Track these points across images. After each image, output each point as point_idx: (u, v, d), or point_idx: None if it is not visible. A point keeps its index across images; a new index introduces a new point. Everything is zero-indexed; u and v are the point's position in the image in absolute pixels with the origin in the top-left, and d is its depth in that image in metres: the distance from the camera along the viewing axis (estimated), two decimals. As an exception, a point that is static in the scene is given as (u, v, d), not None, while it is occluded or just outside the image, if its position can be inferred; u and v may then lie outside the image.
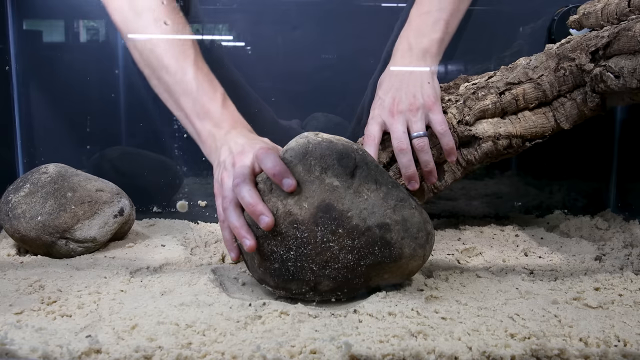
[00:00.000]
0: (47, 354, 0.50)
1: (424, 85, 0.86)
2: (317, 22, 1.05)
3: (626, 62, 0.74)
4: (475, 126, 0.87)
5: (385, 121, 0.85)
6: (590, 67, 0.81)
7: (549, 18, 1.02)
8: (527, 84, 0.86)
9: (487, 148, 0.87)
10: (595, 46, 0.80)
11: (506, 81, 0.87)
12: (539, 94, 0.86)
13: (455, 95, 0.89)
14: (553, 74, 0.86)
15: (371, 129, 0.86)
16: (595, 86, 0.81)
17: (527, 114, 0.87)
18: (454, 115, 0.87)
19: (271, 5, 1.03)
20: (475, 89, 0.88)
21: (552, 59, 0.86)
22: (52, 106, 1.06)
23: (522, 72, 0.87)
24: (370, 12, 1.04)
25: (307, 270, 0.63)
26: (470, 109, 0.87)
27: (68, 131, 1.07)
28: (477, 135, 0.87)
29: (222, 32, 1.05)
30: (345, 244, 0.63)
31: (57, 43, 1.05)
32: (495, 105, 0.87)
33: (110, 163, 1.06)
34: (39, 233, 0.82)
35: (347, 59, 1.05)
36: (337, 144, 0.66)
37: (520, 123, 0.87)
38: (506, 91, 0.87)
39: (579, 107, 0.85)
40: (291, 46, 1.04)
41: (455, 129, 0.86)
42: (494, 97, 0.87)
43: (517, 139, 0.87)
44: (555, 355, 0.51)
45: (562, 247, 0.89)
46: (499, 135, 0.86)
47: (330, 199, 0.63)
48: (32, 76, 1.05)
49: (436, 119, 0.83)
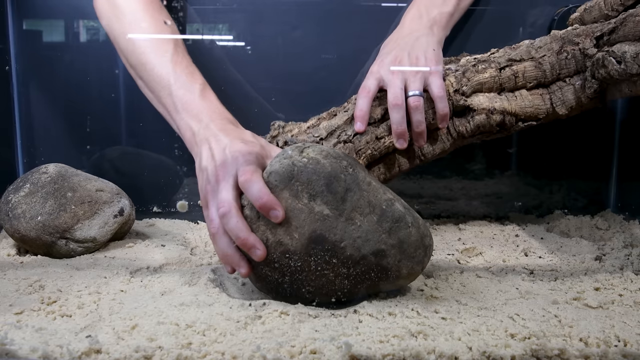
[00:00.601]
0: (47, 354, 0.50)
1: (428, 50, 0.86)
2: (317, 22, 1.05)
3: (629, 47, 0.75)
4: (471, 98, 0.87)
5: (383, 77, 0.85)
6: (593, 51, 0.81)
7: (549, 18, 1.02)
8: (528, 62, 0.87)
9: (480, 121, 0.87)
10: (600, 31, 0.80)
11: (508, 57, 0.88)
12: (538, 73, 0.87)
13: (456, 66, 0.90)
14: (555, 56, 0.86)
15: (368, 82, 0.86)
16: (596, 72, 0.81)
17: (524, 93, 0.88)
18: (451, 84, 0.87)
19: (271, 5, 1.03)
20: (476, 62, 0.89)
21: (556, 41, 0.87)
22: (52, 106, 1.06)
23: (525, 50, 0.88)
24: (370, 12, 1.04)
25: (303, 291, 0.63)
26: (469, 80, 0.87)
27: (68, 131, 1.07)
28: (472, 106, 0.87)
29: (222, 32, 1.05)
30: (340, 272, 0.62)
31: (57, 43, 1.05)
32: (493, 79, 0.87)
33: (110, 163, 1.06)
34: (39, 233, 0.82)
35: (347, 59, 1.04)
36: (324, 165, 0.63)
37: (516, 101, 0.87)
38: (507, 67, 0.87)
39: (577, 93, 0.86)
40: (291, 46, 1.04)
41: (451, 97, 0.87)
42: (494, 71, 0.87)
43: (510, 117, 0.87)
44: (556, 356, 0.51)
45: (562, 247, 0.89)
46: (493, 109, 0.86)
47: (321, 229, 0.61)
48: (32, 76, 1.05)
49: (435, 83, 0.84)
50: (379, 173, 0.90)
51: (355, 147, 0.86)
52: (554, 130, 1.05)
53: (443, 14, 0.92)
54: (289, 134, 0.89)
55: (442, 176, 1.10)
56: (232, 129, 0.75)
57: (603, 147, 1.08)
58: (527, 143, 1.08)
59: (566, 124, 0.99)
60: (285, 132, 0.90)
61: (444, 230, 0.99)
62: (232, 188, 0.65)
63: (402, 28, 0.93)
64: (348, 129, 0.87)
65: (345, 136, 0.86)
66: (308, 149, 0.65)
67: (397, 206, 0.65)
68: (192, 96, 0.80)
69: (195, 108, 0.79)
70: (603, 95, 0.85)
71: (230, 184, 0.65)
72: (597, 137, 1.08)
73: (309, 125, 0.89)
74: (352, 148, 0.86)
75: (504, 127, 0.88)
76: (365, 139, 0.86)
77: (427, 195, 1.10)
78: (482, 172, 1.10)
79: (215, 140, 0.72)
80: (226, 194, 0.64)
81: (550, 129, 1.02)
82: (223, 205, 0.64)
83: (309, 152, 0.64)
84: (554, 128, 1.04)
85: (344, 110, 0.90)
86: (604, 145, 1.08)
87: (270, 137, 0.90)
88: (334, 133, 0.87)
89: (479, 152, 1.09)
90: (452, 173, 1.10)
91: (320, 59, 1.05)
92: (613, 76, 0.78)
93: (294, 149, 0.65)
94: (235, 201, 0.64)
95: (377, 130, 0.86)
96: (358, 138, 0.86)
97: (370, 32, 1.03)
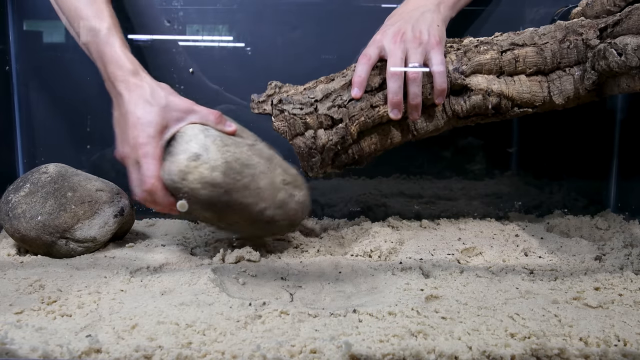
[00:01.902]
0: (47, 353, 0.50)
1: (432, 26, 0.87)
2: (317, 22, 1.05)
3: (632, 40, 0.75)
4: (470, 78, 0.87)
5: (385, 46, 0.86)
6: (595, 42, 0.81)
7: (549, 18, 1.02)
8: (530, 47, 0.87)
9: (476, 101, 0.87)
10: (605, 23, 0.81)
11: (511, 41, 0.88)
12: (539, 59, 0.87)
13: (459, 45, 0.90)
14: (558, 44, 0.86)
15: (369, 50, 0.86)
16: (596, 63, 0.81)
17: (522, 78, 0.88)
18: (451, 61, 0.87)
19: (271, 5, 1.03)
20: (479, 43, 0.89)
21: (560, 30, 0.87)
22: (52, 106, 1.06)
23: (529, 36, 0.88)
24: (370, 12, 1.04)
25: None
26: (469, 59, 0.87)
27: (68, 131, 1.07)
28: (470, 86, 0.87)
29: (222, 33, 1.05)
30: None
31: (57, 44, 1.05)
32: (494, 62, 0.87)
33: (110, 163, 1.06)
34: (39, 233, 0.82)
35: (347, 59, 1.04)
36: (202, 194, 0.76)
37: (514, 85, 0.87)
38: (508, 50, 0.87)
39: (575, 84, 0.86)
40: (291, 46, 1.04)
41: (450, 74, 0.86)
42: (495, 53, 0.87)
43: (507, 101, 0.87)
44: (555, 355, 0.51)
45: (562, 247, 0.89)
46: (490, 91, 0.86)
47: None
48: (32, 76, 1.05)
49: (436, 58, 0.84)
50: (370, 142, 0.89)
51: (349, 112, 0.86)
52: (554, 130, 1.05)
53: None
54: (284, 94, 0.89)
55: (442, 176, 1.10)
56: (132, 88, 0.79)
57: (603, 146, 1.08)
58: (527, 143, 1.08)
59: (566, 124, 0.99)
60: (282, 92, 0.89)
61: (444, 230, 0.99)
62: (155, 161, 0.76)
63: (408, 2, 0.93)
64: (344, 94, 0.86)
65: (340, 101, 0.86)
66: (190, 174, 0.76)
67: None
68: (99, 41, 0.82)
69: (102, 57, 0.81)
70: (601, 90, 0.85)
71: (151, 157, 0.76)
72: (597, 137, 1.08)
73: (306, 87, 0.89)
74: (345, 113, 0.86)
75: (499, 111, 0.88)
76: (360, 105, 0.86)
77: (427, 195, 1.10)
78: (482, 172, 1.10)
79: (118, 103, 0.79)
80: (151, 169, 0.76)
81: (550, 129, 1.02)
82: (148, 183, 0.76)
83: (190, 179, 0.76)
84: (554, 128, 1.05)
85: (342, 75, 0.90)
86: (604, 145, 1.08)
87: (266, 96, 0.89)
88: (329, 96, 0.87)
89: (479, 152, 1.09)
90: (452, 173, 1.10)
91: (320, 59, 1.05)
92: (613, 68, 0.78)
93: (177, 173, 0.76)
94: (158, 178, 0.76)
95: (372, 99, 0.86)
96: (353, 104, 0.86)
97: (370, 33, 1.03)
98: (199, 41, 1.04)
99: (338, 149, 0.87)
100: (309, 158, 0.86)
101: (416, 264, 0.79)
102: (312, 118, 0.85)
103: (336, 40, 1.04)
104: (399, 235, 0.93)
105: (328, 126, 0.86)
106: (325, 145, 0.85)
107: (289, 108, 0.85)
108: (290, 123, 0.85)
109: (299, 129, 0.85)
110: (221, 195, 0.76)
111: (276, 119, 0.85)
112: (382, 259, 0.84)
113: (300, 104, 0.85)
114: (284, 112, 0.85)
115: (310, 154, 0.85)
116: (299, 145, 0.85)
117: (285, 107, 0.85)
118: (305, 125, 0.85)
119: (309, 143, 0.85)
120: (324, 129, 0.86)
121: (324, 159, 0.87)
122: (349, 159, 0.89)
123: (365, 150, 0.89)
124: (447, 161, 1.06)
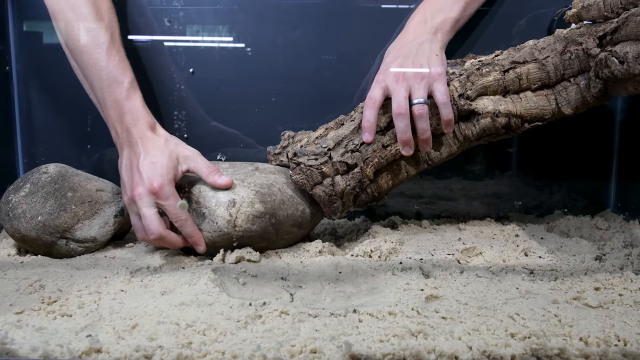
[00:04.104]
0: (48, 353, 0.50)
1: (431, 57, 0.87)
2: (317, 22, 1.05)
3: (631, 47, 0.75)
4: (476, 102, 0.88)
5: (388, 86, 0.86)
6: (596, 51, 0.81)
7: (549, 18, 1.03)
8: (531, 64, 0.87)
9: (485, 124, 0.87)
10: (603, 31, 0.80)
11: (512, 60, 0.88)
12: (542, 75, 0.87)
13: (460, 70, 0.90)
14: (559, 57, 0.86)
15: (374, 92, 0.87)
16: (600, 71, 0.81)
17: (528, 94, 0.88)
18: (455, 89, 0.87)
19: (271, 5, 1.03)
20: (480, 65, 0.89)
21: (559, 41, 0.87)
22: (52, 106, 1.06)
23: (529, 52, 0.88)
24: (370, 13, 1.04)
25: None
26: (473, 84, 0.87)
27: (68, 131, 1.07)
28: (477, 110, 0.87)
29: (222, 33, 1.05)
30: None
31: (57, 44, 1.05)
32: (497, 82, 0.87)
33: (110, 163, 1.06)
34: (39, 233, 0.82)
35: (347, 60, 1.05)
36: (254, 229, 0.81)
37: (521, 103, 0.87)
38: (510, 69, 0.88)
39: (582, 92, 0.86)
40: (291, 46, 1.04)
41: (455, 102, 0.87)
42: (498, 74, 0.88)
43: (516, 119, 0.87)
44: (556, 355, 0.51)
45: (562, 247, 0.89)
46: (498, 112, 0.87)
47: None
48: (32, 76, 1.05)
49: (439, 89, 0.85)
50: (387, 179, 0.91)
51: (363, 155, 0.87)
52: (554, 130, 1.05)
53: (448, 20, 0.92)
54: (298, 145, 0.90)
55: (442, 176, 1.10)
56: (149, 138, 0.82)
57: (603, 147, 1.08)
58: (527, 143, 1.09)
59: (566, 124, 0.99)
60: (295, 142, 0.92)
61: (444, 230, 0.99)
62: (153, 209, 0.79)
63: (406, 33, 0.93)
64: (355, 138, 0.87)
65: (352, 145, 0.87)
66: (237, 219, 0.81)
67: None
68: (119, 93, 0.83)
69: (120, 109, 0.83)
70: (606, 92, 0.85)
71: (148, 205, 0.79)
72: (597, 137, 1.08)
73: (317, 136, 0.91)
74: (359, 157, 0.87)
75: (510, 129, 0.89)
76: (372, 148, 0.87)
77: (428, 195, 1.10)
78: (482, 172, 1.10)
79: (133, 150, 0.81)
80: (154, 223, 0.78)
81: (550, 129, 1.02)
82: (153, 233, 0.78)
83: (240, 223, 0.81)
84: (554, 128, 1.05)
85: (350, 119, 0.91)
86: (604, 145, 1.08)
87: (281, 148, 0.93)
88: (341, 143, 0.88)
89: (479, 153, 1.09)
90: (452, 173, 1.10)
91: (320, 60, 1.05)
92: (617, 75, 0.78)
93: (226, 225, 0.81)
94: (160, 226, 0.79)
95: (383, 139, 0.87)
96: (365, 147, 0.87)
97: (370, 33, 1.03)
98: (199, 42, 1.04)
99: (357, 191, 0.88)
100: (331, 204, 0.87)
101: (416, 264, 0.79)
102: (328, 167, 0.86)
103: (336, 40, 1.04)
104: (399, 235, 0.93)
105: (344, 172, 0.87)
106: (344, 191, 0.86)
107: (305, 160, 0.86)
108: (308, 175, 0.85)
109: (317, 179, 0.86)
110: (270, 220, 0.82)
111: (294, 172, 0.86)
112: (382, 259, 0.84)
113: (315, 155, 0.86)
114: (300, 165, 0.86)
115: (331, 200, 0.87)
116: (319, 194, 0.86)
117: (301, 159, 0.86)
118: (322, 174, 0.86)
119: (328, 191, 0.86)
120: (341, 174, 0.87)
121: (345, 203, 0.88)
122: (369, 197, 0.91)
123: (383, 187, 0.91)
124: (447, 161, 1.06)
